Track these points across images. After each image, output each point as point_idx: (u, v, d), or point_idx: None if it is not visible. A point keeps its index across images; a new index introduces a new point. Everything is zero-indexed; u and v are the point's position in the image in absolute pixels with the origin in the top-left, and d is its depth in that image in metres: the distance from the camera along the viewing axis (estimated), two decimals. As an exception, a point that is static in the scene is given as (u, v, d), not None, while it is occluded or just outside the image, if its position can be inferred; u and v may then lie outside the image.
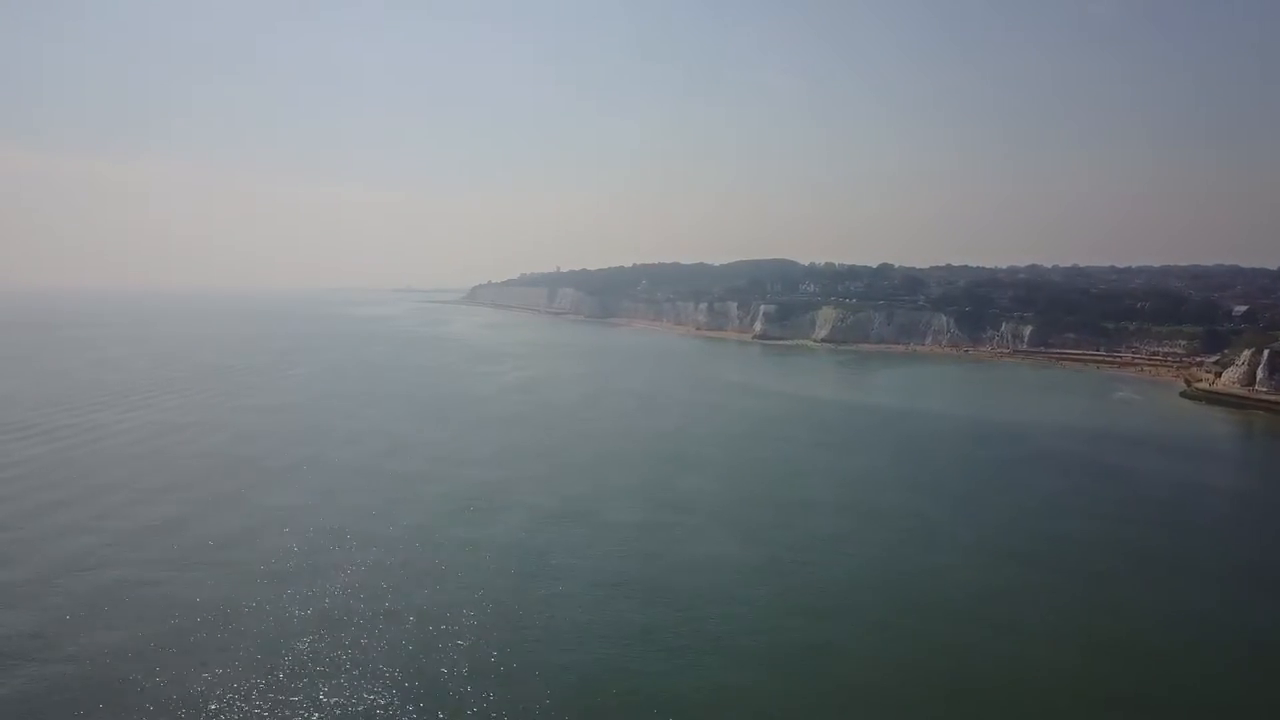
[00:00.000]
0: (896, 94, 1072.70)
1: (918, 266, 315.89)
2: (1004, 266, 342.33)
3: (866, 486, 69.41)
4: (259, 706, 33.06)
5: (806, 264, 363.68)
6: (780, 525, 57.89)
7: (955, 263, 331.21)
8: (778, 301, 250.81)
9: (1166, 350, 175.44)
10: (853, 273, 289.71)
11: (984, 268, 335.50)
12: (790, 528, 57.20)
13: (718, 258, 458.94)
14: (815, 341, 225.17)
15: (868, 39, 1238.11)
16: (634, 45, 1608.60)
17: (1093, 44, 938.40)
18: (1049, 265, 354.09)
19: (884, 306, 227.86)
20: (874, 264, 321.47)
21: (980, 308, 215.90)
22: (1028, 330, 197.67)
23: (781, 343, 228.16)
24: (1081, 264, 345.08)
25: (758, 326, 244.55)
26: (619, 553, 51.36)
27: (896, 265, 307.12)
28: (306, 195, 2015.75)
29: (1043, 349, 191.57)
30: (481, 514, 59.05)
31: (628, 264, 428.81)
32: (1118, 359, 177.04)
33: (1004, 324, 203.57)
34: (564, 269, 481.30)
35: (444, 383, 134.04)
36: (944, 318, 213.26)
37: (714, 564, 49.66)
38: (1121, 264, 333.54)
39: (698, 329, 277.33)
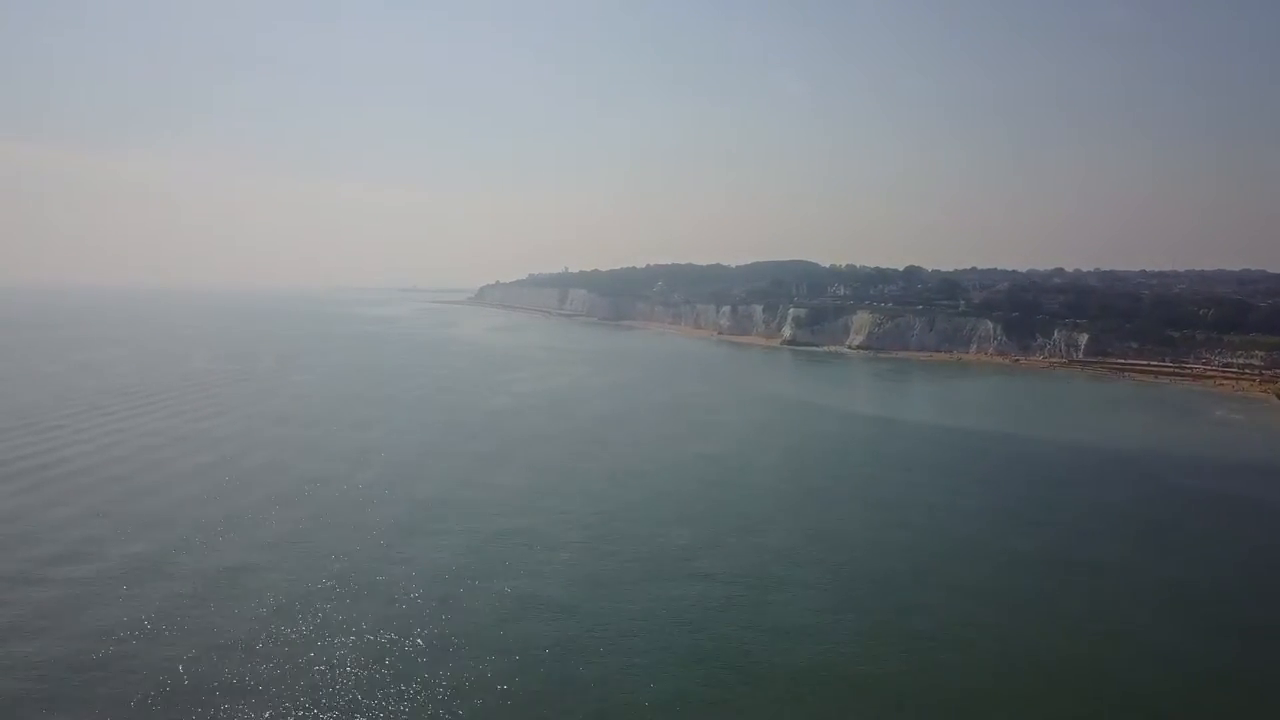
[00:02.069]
0: (903, 97, 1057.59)
1: (943, 269, 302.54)
2: (1023, 269, 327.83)
3: (1008, 533, 55.46)
4: None
5: (828, 265, 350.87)
6: (911, 584, 44.21)
7: (961, 266, 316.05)
8: (807, 305, 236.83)
9: (1242, 362, 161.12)
10: (882, 275, 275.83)
11: (1009, 270, 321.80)
12: (934, 585, 43.36)
13: (726, 258, 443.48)
14: (850, 348, 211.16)
15: (875, 41, 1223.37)
16: (637, 45, 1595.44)
17: (1107, 48, 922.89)
18: (1070, 269, 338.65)
19: (924, 312, 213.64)
20: (883, 266, 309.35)
21: (1027, 314, 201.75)
22: (1083, 339, 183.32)
23: (812, 349, 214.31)
24: (1104, 267, 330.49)
25: (786, 331, 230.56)
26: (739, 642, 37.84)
27: (929, 269, 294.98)
28: (310, 193, 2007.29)
29: (1101, 359, 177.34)
30: (553, 580, 45.41)
31: (638, 265, 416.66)
32: (1189, 371, 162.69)
33: (1056, 331, 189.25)
34: (572, 269, 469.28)
35: (461, 395, 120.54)
36: (990, 324, 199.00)
37: (876, 655, 36.19)
38: (1130, 268, 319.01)
39: (720, 333, 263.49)
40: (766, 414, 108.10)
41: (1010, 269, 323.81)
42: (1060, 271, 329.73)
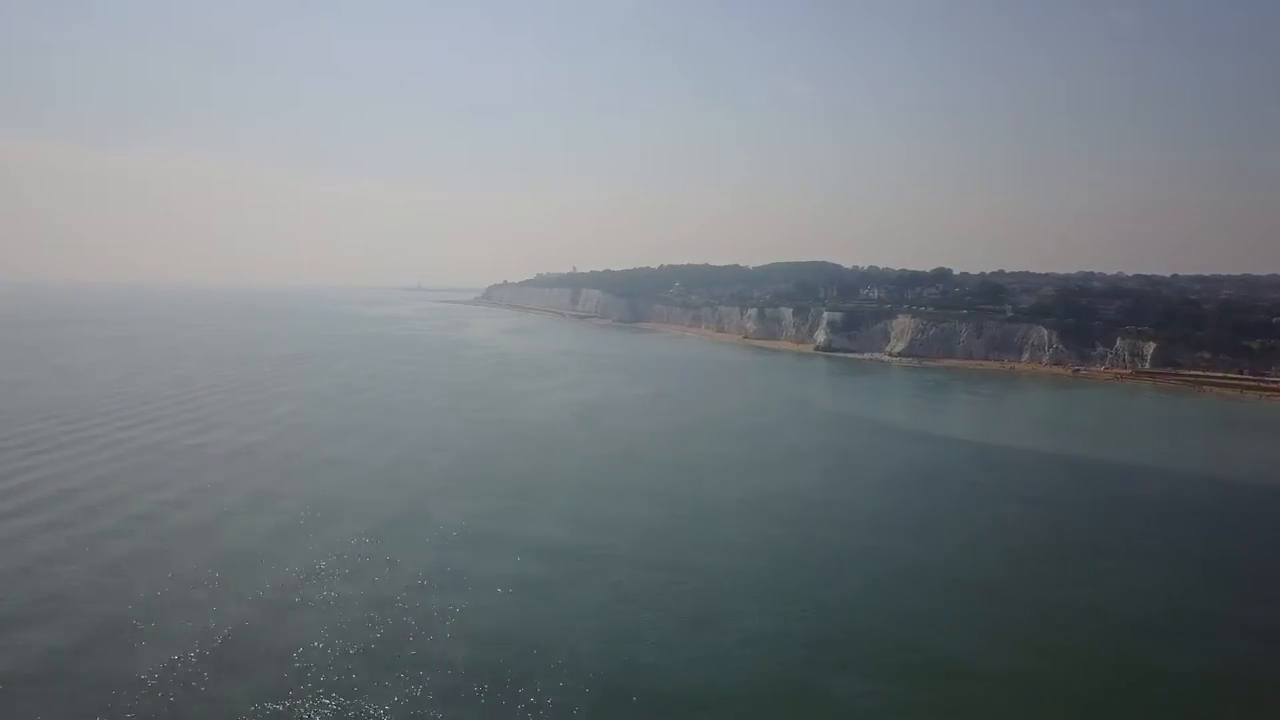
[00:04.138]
0: (908, 100, 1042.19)
1: (970, 272, 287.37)
2: (1043, 272, 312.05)
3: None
4: None
5: (850, 266, 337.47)
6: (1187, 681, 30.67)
7: (976, 269, 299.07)
8: (842, 309, 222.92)
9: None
10: (916, 277, 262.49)
11: (1042, 273, 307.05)
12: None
13: (734, 259, 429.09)
14: (891, 355, 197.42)
15: (880, 45, 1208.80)
16: (642, 46, 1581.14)
17: (1114, 50, 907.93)
18: (1098, 272, 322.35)
19: (969, 317, 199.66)
20: (893, 268, 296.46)
21: (1084, 320, 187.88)
22: (1150, 348, 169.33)
23: (850, 356, 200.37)
24: (1124, 270, 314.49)
25: (820, 337, 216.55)
26: None
27: (955, 271, 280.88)
28: (313, 192, 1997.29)
29: (1170, 371, 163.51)
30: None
31: (651, 265, 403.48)
32: (1273, 385, 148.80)
33: (1119, 340, 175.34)
34: (580, 269, 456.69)
35: (489, 408, 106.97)
36: (1044, 331, 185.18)
37: None
38: (1136, 271, 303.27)
39: (746, 337, 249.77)
40: (835, 436, 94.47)
41: (1042, 272, 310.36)
42: (1092, 275, 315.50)
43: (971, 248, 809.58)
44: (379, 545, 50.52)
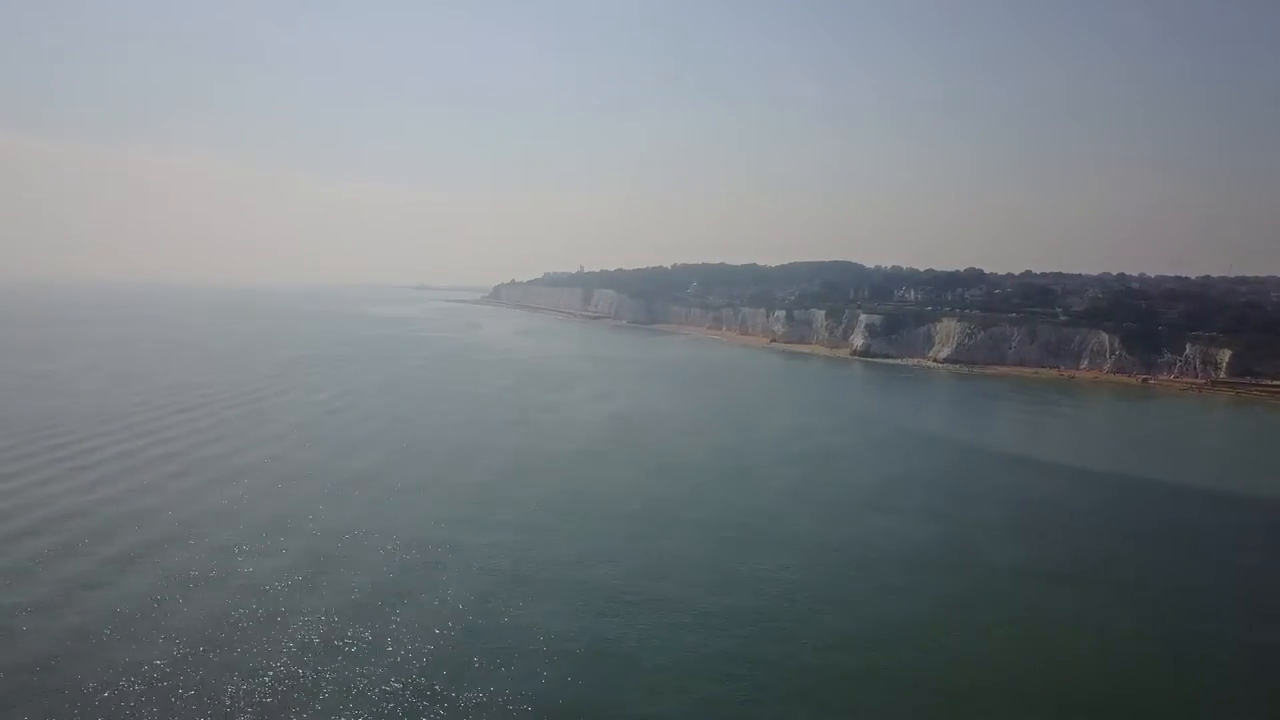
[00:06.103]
0: (911, 100, 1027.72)
1: (998, 273, 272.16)
2: (1073, 272, 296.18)
3: None
4: None
5: (872, 266, 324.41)
6: None
7: (973, 268, 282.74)
8: (881, 311, 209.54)
9: None
10: (952, 278, 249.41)
11: (1075, 274, 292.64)
12: None
13: (740, 258, 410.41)
14: (935, 361, 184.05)
15: (885, 47, 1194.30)
16: (649, 47, 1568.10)
17: (1120, 52, 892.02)
18: (1114, 273, 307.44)
19: (1021, 320, 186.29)
20: (922, 268, 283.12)
21: (1146, 324, 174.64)
22: (1225, 355, 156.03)
23: (890, 362, 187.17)
24: (1150, 272, 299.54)
25: (858, 341, 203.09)
26: None
27: (986, 271, 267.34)
28: (316, 190, 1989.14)
29: (1250, 380, 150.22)
30: None
31: (665, 264, 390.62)
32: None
33: (1189, 346, 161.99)
34: (587, 269, 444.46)
35: (515, 424, 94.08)
36: (1104, 336, 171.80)
37: None
38: (1165, 273, 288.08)
39: (773, 340, 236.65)
40: (922, 461, 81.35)
41: (1072, 272, 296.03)
42: (1127, 276, 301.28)
43: (977, 247, 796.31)
44: (491, 615, 40.49)
